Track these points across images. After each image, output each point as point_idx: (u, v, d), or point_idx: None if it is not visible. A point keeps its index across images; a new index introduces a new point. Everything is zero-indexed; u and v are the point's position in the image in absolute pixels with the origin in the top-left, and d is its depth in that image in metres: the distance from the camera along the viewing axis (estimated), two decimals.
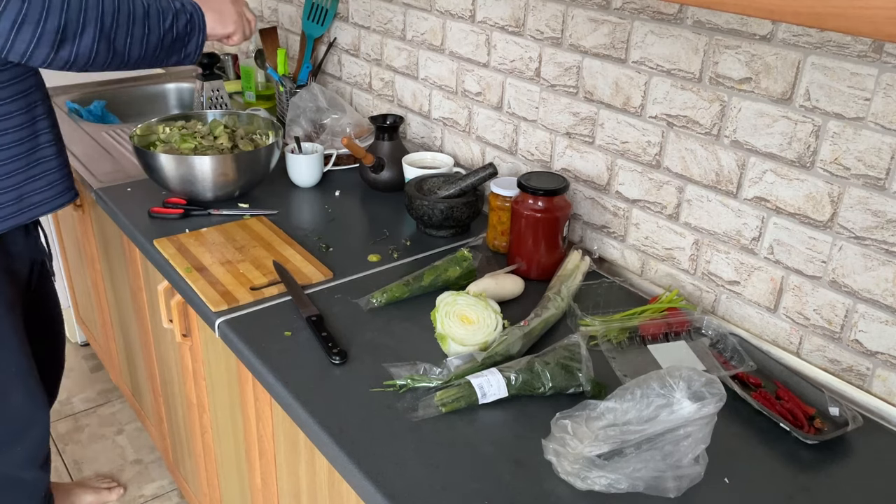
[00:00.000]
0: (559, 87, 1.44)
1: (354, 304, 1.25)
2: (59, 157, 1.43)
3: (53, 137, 1.42)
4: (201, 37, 1.32)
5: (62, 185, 1.44)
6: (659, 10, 1.22)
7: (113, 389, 2.44)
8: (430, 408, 1.01)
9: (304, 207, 1.61)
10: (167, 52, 1.28)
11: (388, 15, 1.85)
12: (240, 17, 1.38)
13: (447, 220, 1.45)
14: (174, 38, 1.27)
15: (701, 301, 1.29)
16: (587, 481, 0.88)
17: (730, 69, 1.14)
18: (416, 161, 1.64)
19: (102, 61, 1.21)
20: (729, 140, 1.17)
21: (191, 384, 1.55)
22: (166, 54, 1.28)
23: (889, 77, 0.97)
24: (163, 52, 1.27)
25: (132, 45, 1.22)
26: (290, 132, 1.83)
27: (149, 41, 1.24)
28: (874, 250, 1.04)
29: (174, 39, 1.28)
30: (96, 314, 2.22)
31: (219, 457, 1.56)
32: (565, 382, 1.04)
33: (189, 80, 2.47)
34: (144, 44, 1.24)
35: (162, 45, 1.26)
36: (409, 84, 1.85)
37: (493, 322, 1.12)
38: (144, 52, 1.25)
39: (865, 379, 1.09)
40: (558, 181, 1.31)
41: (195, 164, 1.50)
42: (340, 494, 1.07)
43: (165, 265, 1.36)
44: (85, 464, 2.15)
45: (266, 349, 1.13)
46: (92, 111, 2.22)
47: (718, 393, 0.86)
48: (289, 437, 1.18)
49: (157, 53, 1.27)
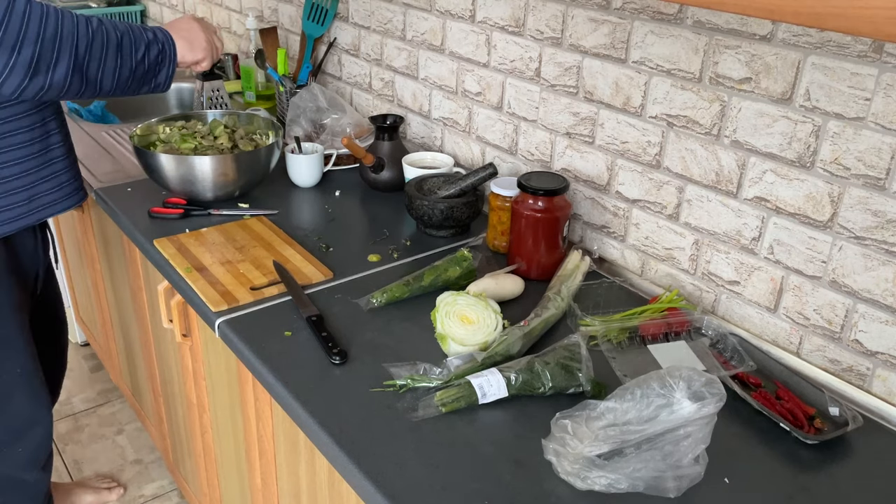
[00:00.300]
0: (559, 87, 1.44)
1: (354, 304, 1.25)
2: (68, 158, 1.44)
3: (63, 139, 1.43)
4: (171, 67, 1.36)
5: (71, 186, 1.45)
6: (659, 10, 1.22)
7: (113, 389, 2.44)
8: (430, 408, 1.01)
9: (304, 207, 1.61)
10: (139, 82, 1.31)
11: (388, 15, 1.85)
12: (209, 43, 1.43)
13: (447, 220, 1.45)
14: (146, 69, 1.31)
15: (701, 301, 1.29)
16: (587, 481, 0.88)
17: (730, 69, 1.14)
18: (416, 161, 1.64)
19: (76, 91, 1.22)
20: (729, 140, 1.17)
21: (191, 384, 1.55)
22: (138, 84, 1.32)
23: (889, 77, 0.97)
24: (135, 83, 1.31)
25: (104, 76, 1.24)
26: (290, 132, 1.83)
27: (121, 73, 1.27)
28: (874, 250, 1.04)
29: (146, 70, 1.31)
30: (96, 314, 2.22)
31: (219, 457, 1.56)
32: (565, 382, 1.04)
33: (189, 80, 2.47)
34: (117, 75, 1.26)
35: (134, 76, 1.29)
36: (409, 84, 1.85)
37: (493, 322, 1.12)
38: (117, 82, 1.27)
39: (865, 379, 1.09)
40: (558, 181, 1.31)
41: (195, 164, 1.50)
42: (340, 494, 1.07)
43: (165, 265, 1.36)
44: (85, 464, 2.15)
45: (266, 349, 1.13)
46: (92, 111, 2.22)
47: (718, 393, 0.86)
48: (289, 437, 1.18)
49: (129, 84, 1.30)
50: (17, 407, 1.49)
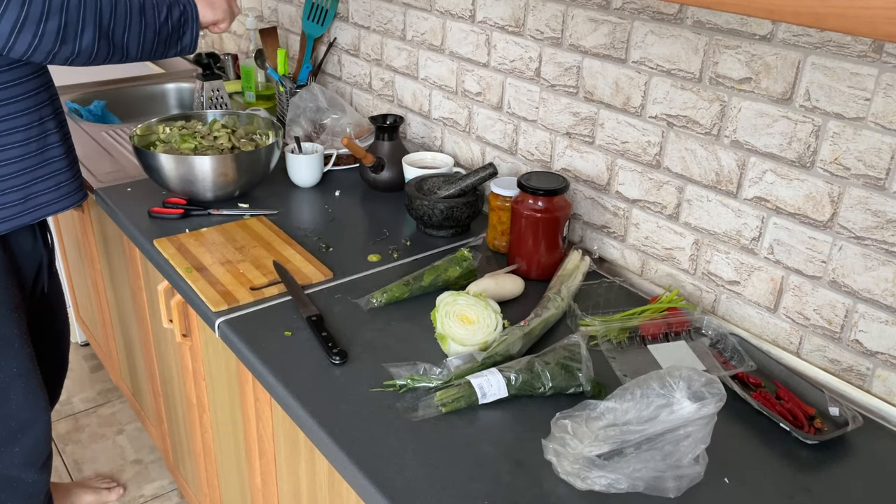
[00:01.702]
0: (559, 87, 1.44)
1: (354, 304, 1.25)
2: (67, 158, 1.44)
3: (62, 138, 1.43)
4: (196, 27, 1.40)
5: (70, 185, 1.45)
6: (659, 10, 1.22)
7: (113, 389, 2.44)
8: (430, 408, 1.01)
9: (304, 207, 1.61)
10: (164, 44, 1.35)
11: (388, 15, 1.85)
12: (228, 4, 1.46)
13: (447, 220, 1.45)
14: (170, 31, 1.34)
15: (701, 301, 1.29)
16: (587, 481, 0.88)
17: (730, 69, 1.14)
18: (416, 161, 1.64)
19: (104, 57, 1.27)
20: (729, 140, 1.17)
21: (191, 384, 1.55)
22: (164, 47, 1.36)
23: (889, 77, 0.97)
24: (160, 45, 1.35)
25: (130, 39, 1.28)
26: (290, 132, 1.83)
27: (146, 35, 1.30)
28: (874, 250, 1.04)
29: (170, 32, 1.35)
30: (96, 314, 2.22)
31: (219, 457, 1.56)
32: (565, 382, 1.04)
33: (189, 80, 2.47)
34: (142, 38, 1.30)
35: (159, 38, 1.33)
36: (409, 84, 1.85)
37: (493, 322, 1.12)
38: (143, 45, 1.31)
39: (865, 379, 1.09)
40: (558, 181, 1.31)
41: (195, 164, 1.50)
42: (340, 494, 1.08)
43: (165, 265, 1.36)
44: (85, 464, 2.15)
45: (266, 349, 1.13)
46: (92, 111, 2.22)
47: (718, 393, 0.86)
48: (289, 437, 1.18)
49: (154, 47, 1.33)
50: (14, 407, 1.49)
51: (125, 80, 2.45)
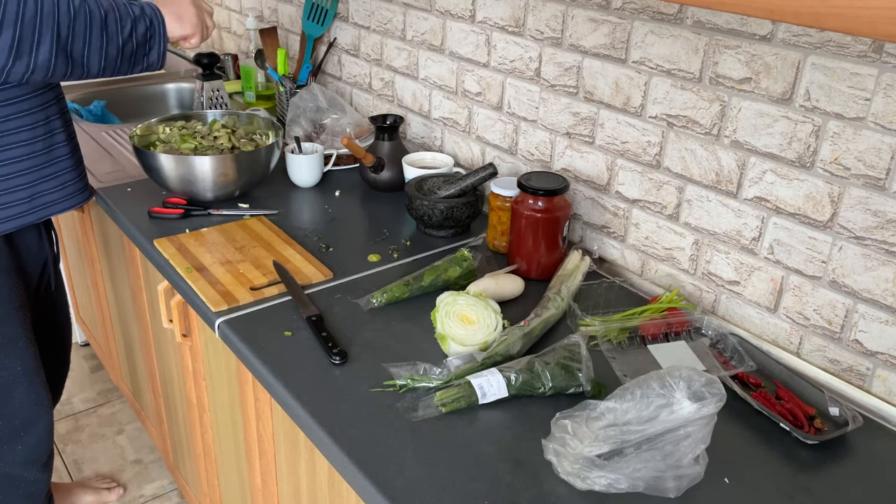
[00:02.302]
0: (559, 87, 1.44)
1: (354, 304, 1.25)
2: (72, 158, 1.44)
3: (67, 138, 1.42)
4: (162, 44, 1.32)
5: (75, 185, 1.45)
6: (659, 10, 1.22)
7: (113, 389, 2.44)
8: (430, 408, 1.01)
9: (304, 207, 1.61)
10: (129, 61, 1.28)
11: (388, 15, 1.85)
12: (199, 19, 1.39)
13: (447, 220, 1.45)
14: (135, 46, 1.27)
15: (701, 301, 1.29)
16: (587, 481, 0.88)
17: (730, 69, 1.14)
18: (416, 161, 1.64)
19: (63, 73, 1.20)
20: (729, 140, 1.17)
21: (191, 384, 1.55)
22: (129, 63, 1.28)
23: (889, 77, 0.97)
24: (125, 62, 1.27)
25: (91, 55, 1.21)
26: (290, 132, 1.83)
27: (108, 51, 1.23)
28: (874, 250, 1.04)
29: (135, 48, 1.27)
30: (96, 314, 2.22)
31: (219, 457, 1.56)
32: (565, 382, 1.04)
33: (189, 80, 2.47)
34: (103, 53, 1.23)
35: (123, 55, 1.26)
36: (409, 84, 1.85)
37: (493, 322, 1.12)
38: (105, 61, 1.24)
39: (865, 379, 1.09)
40: (558, 181, 1.31)
41: (195, 164, 1.50)
42: (340, 494, 1.08)
43: (165, 265, 1.36)
44: (85, 464, 2.15)
45: (266, 349, 1.13)
46: (92, 111, 2.22)
47: (718, 393, 0.86)
48: (289, 437, 1.19)
49: (118, 63, 1.26)
50: (17, 405, 1.49)
51: (125, 80, 2.45)
